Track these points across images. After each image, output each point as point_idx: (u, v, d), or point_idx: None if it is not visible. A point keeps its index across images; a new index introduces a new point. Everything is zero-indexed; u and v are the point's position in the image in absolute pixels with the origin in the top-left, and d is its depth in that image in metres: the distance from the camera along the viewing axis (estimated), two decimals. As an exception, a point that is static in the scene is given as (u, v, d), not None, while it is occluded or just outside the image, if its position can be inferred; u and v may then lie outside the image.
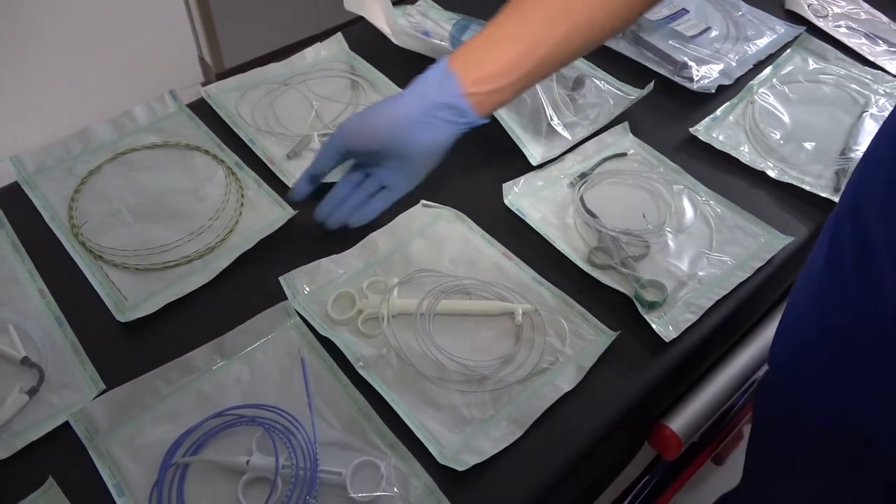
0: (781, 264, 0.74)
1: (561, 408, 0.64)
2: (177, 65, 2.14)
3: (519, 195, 0.79)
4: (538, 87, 0.86)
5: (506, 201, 0.78)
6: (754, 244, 0.75)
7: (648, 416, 0.69)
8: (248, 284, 0.71)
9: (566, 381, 0.65)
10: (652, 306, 0.69)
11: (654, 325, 0.67)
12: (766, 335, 0.74)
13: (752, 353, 0.73)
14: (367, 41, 0.98)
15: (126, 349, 0.66)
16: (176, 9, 2.02)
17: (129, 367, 0.64)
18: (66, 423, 0.60)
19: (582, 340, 0.68)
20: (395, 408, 0.62)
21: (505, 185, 0.78)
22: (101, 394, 0.62)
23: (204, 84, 2.19)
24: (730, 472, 1.33)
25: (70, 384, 0.64)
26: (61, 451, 0.59)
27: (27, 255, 0.73)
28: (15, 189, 0.80)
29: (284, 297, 0.69)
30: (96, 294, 0.70)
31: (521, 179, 0.80)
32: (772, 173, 0.82)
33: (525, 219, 0.76)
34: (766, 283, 0.73)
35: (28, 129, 1.88)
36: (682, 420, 0.69)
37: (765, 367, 0.73)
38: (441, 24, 0.93)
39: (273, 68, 0.94)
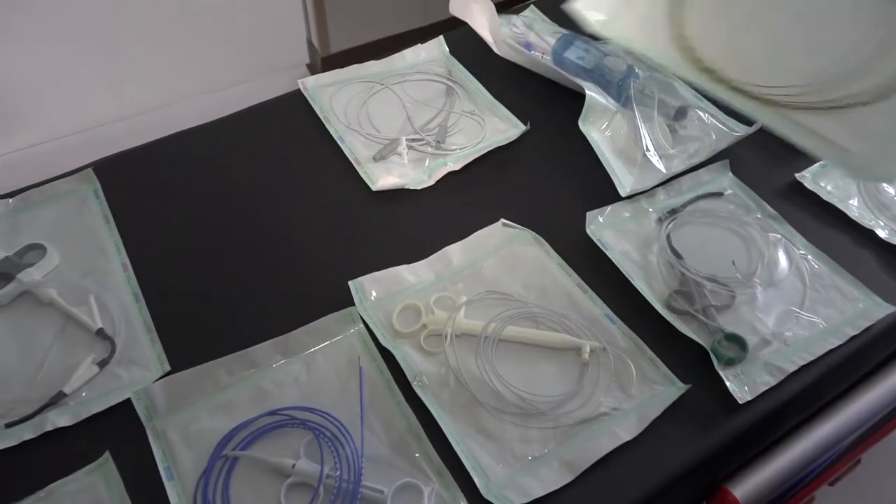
0: (879, 335, 0.69)
1: (617, 457, 0.61)
2: (284, 44, 2.19)
3: (603, 225, 0.76)
4: (637, 112, 0.83)
5: (588, 230, 0.75)
6: (851, 309, 0.70)
7: (712, 477, 0.65)
8: (321, 284, 0.72)
9: (627, 429, 0.62)
10: (729, 362, 0.65)
11: (728, 384, 0.64)
12: (852, 408, 0.68)
13: (834, 426, 0.67)
14: (468, 46, 0.96)
15: (196, 334, 0.68)
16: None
17: (196, 351, 0.65)
18: (129, 400, 0.62)
19: (649, 388, 0.65)
20: (446, 432, 0.61)
21: (589, 214, 0.75)
22: (165, 375, 0.64)
23: (309, 65, 2.25)
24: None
25: (139, 360, 0.66)
26: (121, 426, 0.61)
27: (115, 227, 0.75)
28: (111, 162, 0.82)
29: (353, 302, 0.69)
30: (177, 272, 0.72)
31: (608, 209, 0.77)
32: (882, 233, 0.76)
33: (605, 251, 0.73)
34: (858, 352, 0.68)
35: (137, 95, 1.97)
36: (747, 487, 0.65)
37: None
38: (544, 37, 0.91)
39: (371, 66, 0.94)
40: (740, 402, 0.63)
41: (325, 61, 2.23)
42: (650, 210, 0.78)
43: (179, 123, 0.88)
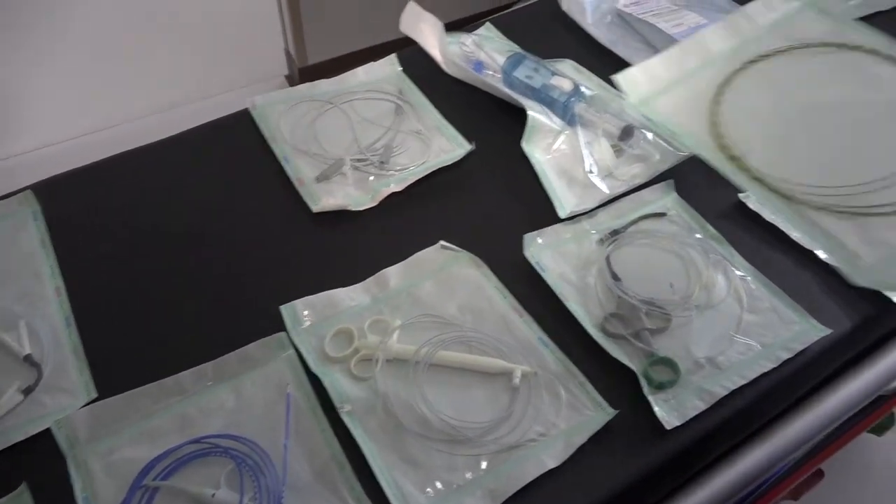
0: (814, 358, 0.68)
1: (543, 485, 0.60)
2: (263, 55, 2.20)
3: (542, 247, 0.76)
4: (581, 132, 0.83)
5: (526, 254, 0.74)
6: (787, 332, 0.69)
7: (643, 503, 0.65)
8: (255, 309, 0.71)
9: (552, 456, 0.61)
10: (660, 387, 0.65)
11: (656, 409, 0.63)
12: (785, 433, 0.68)
13: (767, 451, 0.67)
14: (423, 64, 0.96)
15: (127, 360, 0.67)
16: (267, 1, 2.07)
17: (126, 378, 0.65)
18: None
19: (578, 414, 0.64)
20: (370, 460, 0.61)
21: (526, 237, 0.75)
22: (92, 402, 0.64)
23: (288, 76, 2.26)
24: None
25: (66, 387, 0.65)
26: (43, 455, 0.61)
27: (52, 250, 0.75)
28: (53, 183, 0.82)
29: (282, 327, 0.69)
30: (111, 296, 0.71)
31: (547, 230, 0.76)
32: (822, 255, 0.75)
33: (542, 274, 0.73)
34: (792, 376, 0.67)
35: (115, 108, 1.97)
36: (679, 512, 0.65)
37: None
38: (494, 56, 0.91)
39: (323, 84, 0.94)
40: (667, 427, 0.62)
41: (303, 72, 2.23)
42: (591, 231, 0.78)
43: (158, 136, 0.87)
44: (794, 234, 0.64)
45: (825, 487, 1.35)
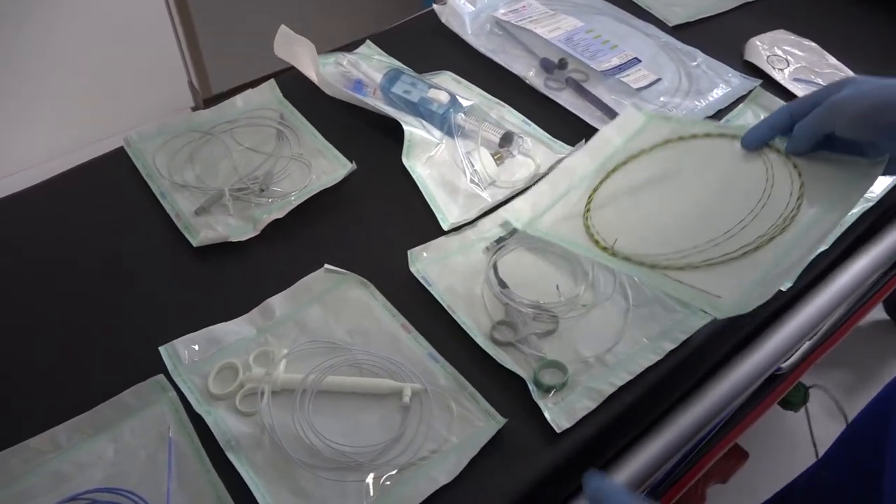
0: (699, 346, 0.70)
1: (439, 501, 0.59)
2: (167, 89, 2.16)
3: (428, 261, 0.75)
4: (460, 143, 0.83)
5: (412, 269, 0.74)
6: (670, 321, 0.70)
7: (541, 508, 0.65)
8: (134, 352, 0.68)
9: (445, 472, 0.60)
10: (549, 390, 0.65)
11: (546, 413, 0.63)
12: (678, 424, 0.68)
13: (661, 444, 0.68)
14: (302, 88, 0.95)
15: (-6, 419, 0.64)
16: (166, 34, 2.03)
17: (-7, 439, 0.61)
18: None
19: (470, 426, 0.64)
20: (259, 497, 0.58)
21: (411, 252, 0.74)
22: (-43, 469, 0.60)
23: (193, 108, 2.21)
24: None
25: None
26: None
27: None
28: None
29: (164, 368, 0.66)
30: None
31: (431, 244, 0.76)
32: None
33: (429, 288, 0.72)
34: (679, 367, 0.68)
35: (21, 153, 1.90)
36: (578, 514, 0.64)
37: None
38: (371, 74, 0.90)
39: (201, 115, 0.92)
40: (558, 430, 0.62)
41: (209, 102, 2.19)
42: (478, 240, 0.78)
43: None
44: (663, 292, 0.72)
45: (751, 467, 1.38)
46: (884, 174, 0.66)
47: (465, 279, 0.74)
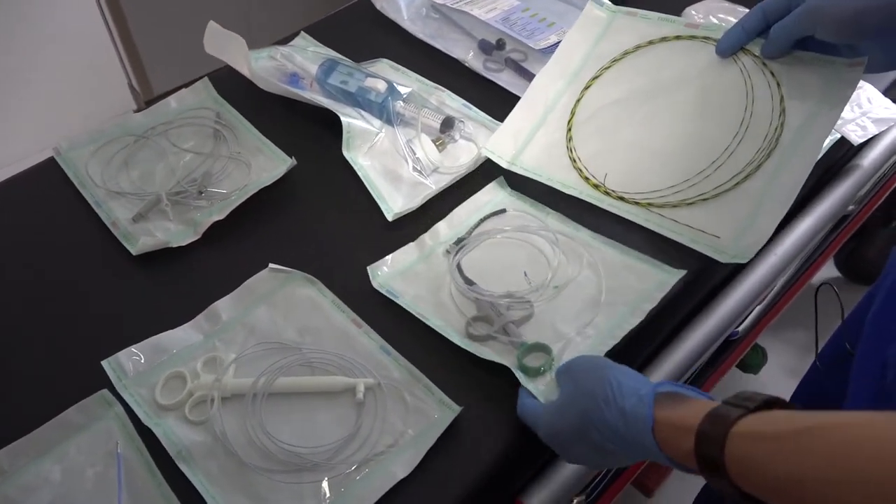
0: (655, 314, 0.69)
1: (398, 496, 0.59)
2: (108, 94, 2.11)
3: (390, 274, 0.73)
4: (401, 131, 0.81)
5: (374, 285, 0.72)
6: (645, 284, 0.70)
7: (503, 494, 0.64)
8: (75, 368, 0.66)
9: (402, 466, 0.60)
10: (537, 373, 0.64)
11: (539, 398, 0.62)
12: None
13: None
14: (237, 85, 0.92)
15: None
16: (101, 38, 1.99)
17: (-69, 471, 0.59)
18: None
19: (425, 417, 0.63)
20: (213, 507, 0.57)
21: (370, 268, 0.72)
22: None
23: (136, 110, 2.17)
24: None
25: None
26: None
27: None
28: None
29: (109, 382, 0.65)
30: None
31: (389, 258, 0.74)
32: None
33: (396, 300, 0.70)
34: (634, 336, 0.68)
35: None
36: (543, 495, 0.64)
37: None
38: (306, 66, 0.88)
39: (134, 118, 0.89)
40: None
41: (150, 104, 2.14)
42: (436, 246, 0.76)
43: None
44: (663, 233, 0.71)
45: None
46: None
47: (430, 284, 0.72)
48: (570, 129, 0.73)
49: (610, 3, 0.81)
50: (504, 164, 0.75)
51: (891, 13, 0.60)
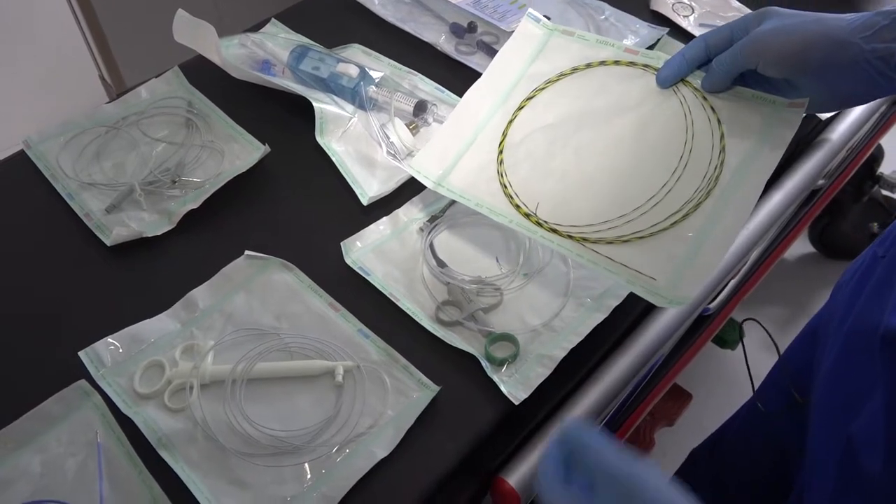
0: (629, 296, 0.70)
1: (379, 475, 0.60)
2: (79, 86, 2.09)
3: (363, 249, 0.74)
4: (374, 115, 0.82)
5: (347, 261, 0.72)
6: (609, 281, 0.70)
7: (484, 471, 0.65)
8: (53, 360, 0.66)
9: (383, 445, 0.60)
10: (502, 364, 0.65)
11: (502, 387, 0.63)
12: (611, 373, 0.70)
13: (599, 392, 0.68)
14: (208, 74, 0.92)
15: None
16: (69, 29, 1.96)
17: None
18: None
19: (404, 398, 0.64)
20: (196, 493, 0.58)
21: (344, 244, 0.73)
22: None
23: (108, 102, 2.14)
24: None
25: None
26: None
27: None
28: None
29: (87, 373, 0.64)
30: None
31: (363, 233, 0.74)
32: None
33: (368, 278, 0.71)
34: (611, 317, 0.69)
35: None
36: (522, 471, 0.65)
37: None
38: (278, 53, 0.88)
39: (105, 109, 0.89)
40: (515, 402, 0.62)
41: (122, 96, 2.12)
42: (409, 222, 0.76)
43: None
44: (598, 271, 0.66)
45: (696, 408, 1.43)
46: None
47: (403, 264, 0.73)
48: (500, 152, 0.69)
49: (547, 20, 0.77)
50: (430, 185, 0.71)
51: (833, 46, 0.57)
